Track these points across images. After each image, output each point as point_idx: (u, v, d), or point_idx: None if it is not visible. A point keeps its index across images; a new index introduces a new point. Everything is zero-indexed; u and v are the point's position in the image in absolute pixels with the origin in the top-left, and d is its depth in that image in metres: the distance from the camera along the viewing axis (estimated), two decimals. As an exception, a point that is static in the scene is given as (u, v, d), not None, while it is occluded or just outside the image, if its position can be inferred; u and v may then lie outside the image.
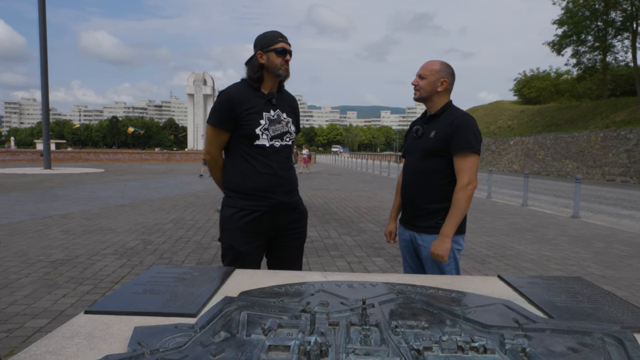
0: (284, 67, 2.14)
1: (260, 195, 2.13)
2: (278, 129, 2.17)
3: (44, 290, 3.90)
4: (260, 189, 2.13)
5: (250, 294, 1.42)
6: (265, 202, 2.14)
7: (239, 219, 2.14)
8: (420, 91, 2.25)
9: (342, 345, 1.02)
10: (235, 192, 2.17)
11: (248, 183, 2.14)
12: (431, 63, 2.25)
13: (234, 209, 2.15)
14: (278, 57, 2.12)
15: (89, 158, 37.25)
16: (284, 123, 2.20)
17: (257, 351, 0.98)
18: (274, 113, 2.18)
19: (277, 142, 2.17)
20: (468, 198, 2.13)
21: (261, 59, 2.14)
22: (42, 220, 7.66)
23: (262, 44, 2.15)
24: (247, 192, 2.14)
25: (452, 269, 2.19)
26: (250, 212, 2.13)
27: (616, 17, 32.09)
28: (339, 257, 5.39)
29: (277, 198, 2.15)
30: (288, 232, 2.23)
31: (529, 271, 5.01)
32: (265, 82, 2.18)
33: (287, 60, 2.14)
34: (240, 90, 2.17)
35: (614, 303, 1.41)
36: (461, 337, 1.05)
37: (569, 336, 1.11)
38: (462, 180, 2.13)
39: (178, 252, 5.48)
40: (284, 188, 2.18)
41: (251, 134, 2.12)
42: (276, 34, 2.17)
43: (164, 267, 1.76)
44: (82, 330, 1.16)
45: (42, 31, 21.59)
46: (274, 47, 2.12)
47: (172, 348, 1.01)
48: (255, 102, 2.14)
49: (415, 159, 2.28)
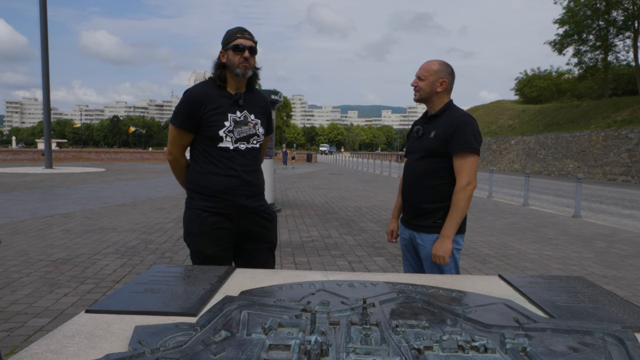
0: (241, 64, 2.03)
1: (222, 197, 2.07)
2: (244, 131, 2.09)
3: (45, 290, 3.91)
4: (223, 191, 2.06)
5: (250, 293, 1.42)
6: (227, 204, 2.07)
7: (201, 220, 2.08)
8: (420, 92, 2.24)
9: (342, 345, 1.02)
10: (197, 192, 2.11)
11: (210, 184, 2.07)
12: (430, 63, 2.24)
13: (197, 211, 2.09)
14: (236, 55, 2.03)
15: (90, 157, 37.29)
16: (251, 125, 2.12)
17: (258, 350, 0.98)
18: (241, 114, 2.09)
19: (242, 145, 2.08)
20: (467, 198, 2.13)
21: (222, 57, 2.08)
22: (43, 219, 7.67)
23: (223, 42, 2.09)
24: (208, 192, 2.08)
25: (452, 268, 2.19)
26: (212, 214, 2.07)
27: (617, 16, 32.03)
28: (339, 257, 5.39)
29: (239, 201, 2.08)
30: (256, 235, 2.17)
31: (530, 271, 5.01)
32: (229, 81, 2.09)
33: (245, 58, 2.04)
34: (205, 89, 2.08)
35: (614, 302, 1.41)
36: (462, 336, 1.04)
37: (570, 336, 1.11)
38: (462, 180, 2.13)
39: (179, 252, 5.48)
40: (247, 191, 2.10)
41: (214, 136, 2.04)
42: (235, 30, 2.08)
43: (165, 266, 1.76)
44: (83, 329, 1.16)
45: (43, 30, 21.61)
46: (232, 44, 2.04)
47: (172, 347, 1.01)
48: (219, 102, 2.05)
49: (415, 158, 2.29)
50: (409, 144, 2.40)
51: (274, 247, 2.28)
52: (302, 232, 6.97)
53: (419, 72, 2.24)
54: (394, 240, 2.56)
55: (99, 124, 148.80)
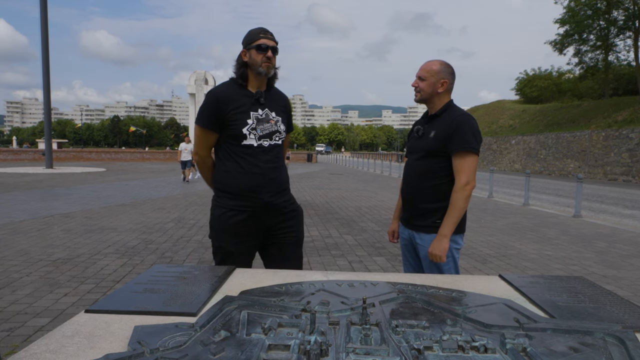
0: (264, 64, 2.09)
1: (247, 196, 2.11)
2: (266, 128, 2.14)
3: (45, 289, 3.91)
4: (248, 189, 2.10)
5: (250, 293, 1.42)
6: (252, 202, 2.11)
7: (227, 219, 2.12)
8: (421, 93, 2.24)
9: (342, 345, 1.02)
10: (224, 191, 2.15)
11: (236, 183, 2.11)
12: (430, 64, 2.24)
13: (223, 209, 2.14)
14: (259, 54, 2.08)
15: (91, 157, 37.30)
16: (273, 122, 2.17)
17: (257, 350, 0.98)
18: (262, 112, 2.14)
19: (265, 142, 2.13)
20: (466, 198, 2.13)
21: (244, 56, 2.12)
22: (43, 219, 7.68)
23: (246, 42, 2.13)
24: (234, 192, 2.12)
25: (451, 268, 2.19)
26: (238, 213, 2.11)
27: (618, 16, 32.02)
28: (340, 257, 5.39)
29: (264, 198, 2.12)
30: (279, 231, 2.20)
31: (531, 271, 5.00)
32: (251, 80, 2.15)
33: (268, 57, 2.09)
34: (227, 89, 2.14)
35: (615, 303, 1.41)
36: (462, 336, 1.04)
37: (570, 336, 1.10)
38: (460, 180, 2.12)
39: (179, 252, 5.48)
40: (271, 188, 2.14)
41: (238, 134, 2.09)
42: (258, 31, 2.12)
43: (164, 266, 1.76)
44: (83, 329, 1.16)
45: (43, 30, 21.62)
46: (255, 44, 2.09)
47: (172, 347, 1.01)
48: (242, 101, 2.11)
49: (415, 158, 2.28)
50: (409, 144, 2.40)
51: (300, 243, 2.31)
52: (302, 232, 6.96)
53: (420, 73, 2.23)
54: (395, 240, 2.55)
55: (100, 123, 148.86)
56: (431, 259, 2.15)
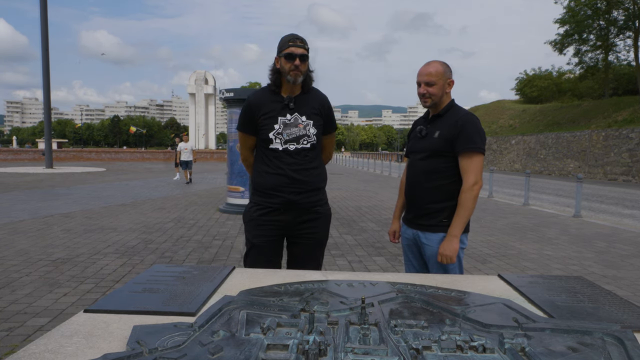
0: (292, 72, 2.17)
1: (271, 193, 2.25)
2: (293, 132, 2.23)
3: (45, 289, 3.91)
4: (272, 187, 2.24)
5: (249, 293, 1.42)
6: (275, 199, 2.24)
7: (253, 212, 2.30)
8: (432, 98, 2.21)
9: (341, 345, 1.02)
10: (256, 189, 2.33)
11: (264, 182, 2.27)
12: (433, 67, 2.20)
13: (252, 204, 2.33)
14: (287, 63, 2.17)
15: (91, 157, 37.30)
16: (302, 126, 2.24)
17: (256, 350, 0.98)
18: (291, 117, 2.24)
19: (291, 146, 2.22)
20: (474, 198, 2.14)
21: (277, 63, 2.23)
22: (43, 219, 7.68)
23: (278, 49, 2.23)
24: (262, 189, 2.28)
25: (456, 267, 2.19)
26: (263, 207, 2.27)
27: (618, 16, 32.03)
28: (339, 256, 5.39)
29: (287, 196, 2.22)
30: (301, 231, 2.29)
31: (530, 270, 5.00)
32: (284, 86, 2.26)
33: (296, 65, 2.16)
34: (260, 96, 2.28)
35: (614, 302, 1.41)
36: (460, 336, 1.04)
37: (569, 335, 1.10)
38: (469, 180, 2.13)
39: (179, 251, 5.48)
40: (295, 188, 2.23)
41: (266, 138, 2.23)
42: (287, 39, 2.21)
43: (164, 266, 1.76)
44: (82, 329, 1.16)
45: (43, 30, 21.62)
46: (284, 52, 2.18)
47: (170, 347, 1.01)
48: (272, 107, 2.24)
49: (419, 158, 2.28)
50: (411, 144, 2.39)
51: (321, 245, 2.39)
52: (302, 232, 6.96)
53: (426, 78, 2.19)
54: (396, 240, 2.55)
55: (100, 123, 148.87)
56: (441, 260, 2.15)
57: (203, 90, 57.12)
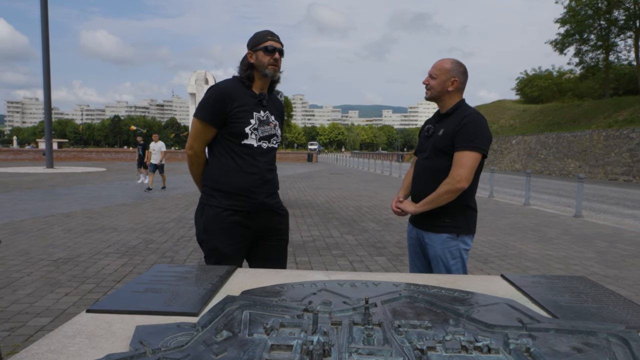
0: (271, 66, 2.08)
1: (242, 195, 2.09)
2: (267, 130, 2.15)
3: (46, 289, 3.90)
4: (244, 188, 2.09)
5: (252, 293, 1.42)
6: (248, 202, 2.10)
7: (223, 219, 2.09)
8: (431, 90, 2.23)
9: (344, 345, 1.01)
10: (218, 190, 2.12)
11: (231, 182, 2.09)
12: (442, 62, 2.22)
13: (218, 209, 2.10)
14: (266, 56, 2.08)
15: (91, 157, 37.31)
16: (272, 125, 2.18)
17: (260, 350, 0.97)
18: (264, 114, 2.15)
19: (264, 144, 2.14)
20: (448, 193, 2.09)
21: (251, 58, 2.12)
22: (44, 219, 7.68)
23: (252, 43, 2.13)
24: (229, 190, 2.10)
25: (459, 268, 2.18)
26: (234, 212, 2.09)
27: (619, 15, 32.02)
28: (340, 256, 5.39)
29: (259, 199, 2.12)
30: (272, 233, 2.21)
31: (532, 270, 5.00)
32: (256, 81, 2.15)
33: (275, 59, 2.09)
34: (233, 86, 2.12)
35: (618, 303, 1.40)
36: (465, 336, 1.04)
37: (574, 336, 1.10)
38: (453, 173, 2.08)
39: (180, 251, 5.48)
40: (267, 189, 2.16)
41: (240, 132, 2.07)
42: (266, 33, 2.13)
43: (166, 266, 1.76)
44: (84, 329, 1.15)
45: (44, 30, 21.63)
46: (263, 45, 2.08)
47: (174, 347, 1.00)
48: (246, 100, 2.10)
49: (425, 157, 2.28)
50: (419, 143, 2.40)
51: (287, 244, 2.34)
52: (303, 232, 6.97)
53: (431, 70, 2.22)
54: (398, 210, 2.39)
55: (100, 123, 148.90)
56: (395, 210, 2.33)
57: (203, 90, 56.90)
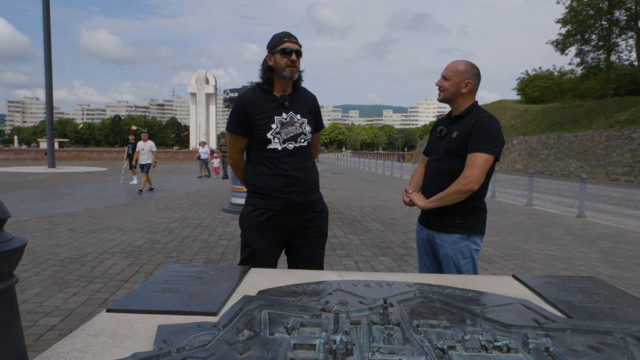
0: (288, 67, 2.13)
1: (274, 195, 2.18)
2: (291, 131, 2.19)
3: (54, 289, 3.92)
4: (274, 189, 2.18)
5: (268, 293, 1.43)
6: (278, 201, 2.18)
7: (255, 217, 2.21)
8: (445, 92, 2.23)
9: (365, 344, 1.03)
10: (254, 192, 2.25)
11: (263, 185, 2.20)
12: (456, 63, 2.23)
13: (251, 207, 2.24)
14: (283, 58, 2.13)
15: (92, 157, 37.37)
16: (298, 125, 2.22)
17: (283, 349, 0.99)
18: (287, 116, 2.20)
19: (290, 145, 2.19)
20: (457, 192, 2.11)
21: (269, 61, 2.17)
22: (48, 218, 7.70)
23: (270, 46, 2.18)
24: (263, 192, 2.21)
25: (470, 269, 2.19)
26: (265, 211, 2.19)
27: (620, 16, 32.01)
28: (345, 256, 5.40)
29: (290, 198, 2.18)
30: (304, 230, 2.26)
31: (537, 271, 5.01)
32: (276, 84, 2.20)
33: (292, 61, 2.13)
34: (253, 95, 2.21)
35: (631, 303, 1.42)
36: (483, 336, 1.05)
37: (590, 336, 1.11)
38: (464, 174, 2.10)
39: (185, 251, 5.50)
40: (298, 188, 2.20)
41: (263, 139, 2.17)
42: (283, 35, 2.18)
43: (179, 266, 1.77)
44: (106, 328, 1.17)
45: (45, 30, 21.65)
46: (280, 48, 2.14)
47: (197, 346, 1.02)
48: (266, 106, 2.17)
49: (437, 158, 2.29)
50: (430, 144, 2.41)
51: (323, 243, 2.38)
52: (306, 232, 6.97)
53: (445, 72, 2.23)
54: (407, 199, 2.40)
55: (101, 123, 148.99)
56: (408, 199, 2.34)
57: (204, 90, 57.08)
